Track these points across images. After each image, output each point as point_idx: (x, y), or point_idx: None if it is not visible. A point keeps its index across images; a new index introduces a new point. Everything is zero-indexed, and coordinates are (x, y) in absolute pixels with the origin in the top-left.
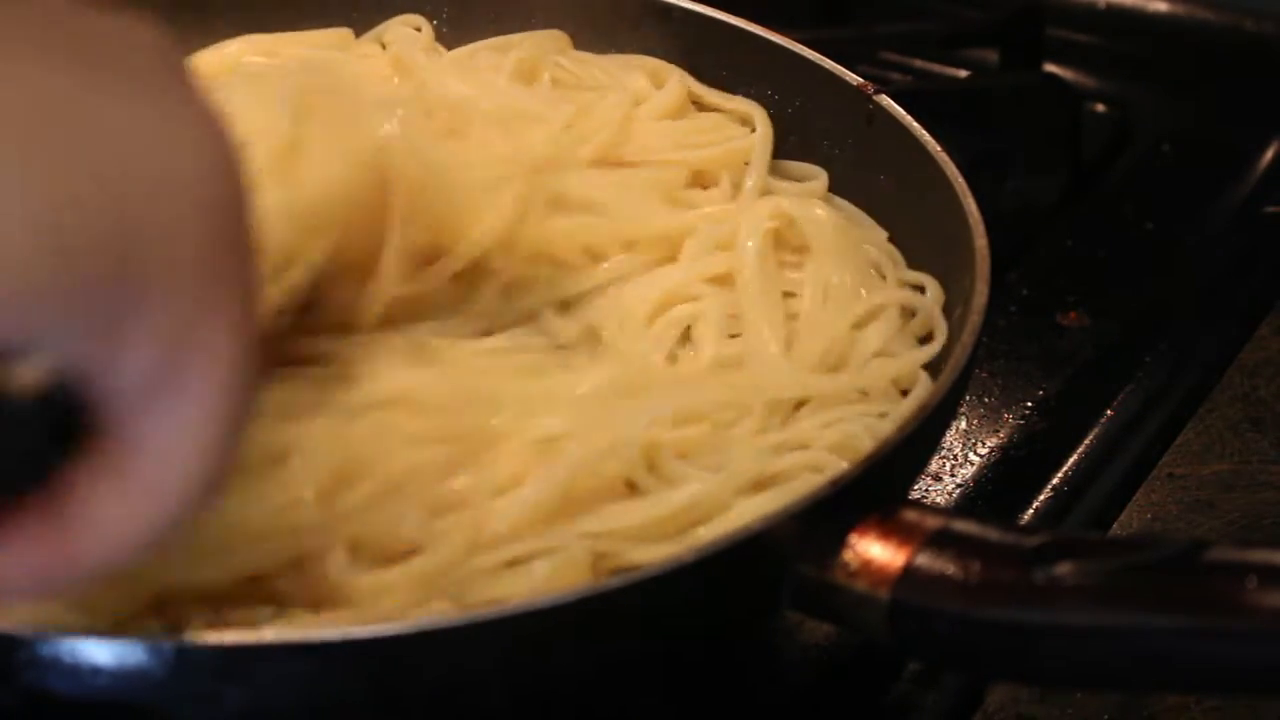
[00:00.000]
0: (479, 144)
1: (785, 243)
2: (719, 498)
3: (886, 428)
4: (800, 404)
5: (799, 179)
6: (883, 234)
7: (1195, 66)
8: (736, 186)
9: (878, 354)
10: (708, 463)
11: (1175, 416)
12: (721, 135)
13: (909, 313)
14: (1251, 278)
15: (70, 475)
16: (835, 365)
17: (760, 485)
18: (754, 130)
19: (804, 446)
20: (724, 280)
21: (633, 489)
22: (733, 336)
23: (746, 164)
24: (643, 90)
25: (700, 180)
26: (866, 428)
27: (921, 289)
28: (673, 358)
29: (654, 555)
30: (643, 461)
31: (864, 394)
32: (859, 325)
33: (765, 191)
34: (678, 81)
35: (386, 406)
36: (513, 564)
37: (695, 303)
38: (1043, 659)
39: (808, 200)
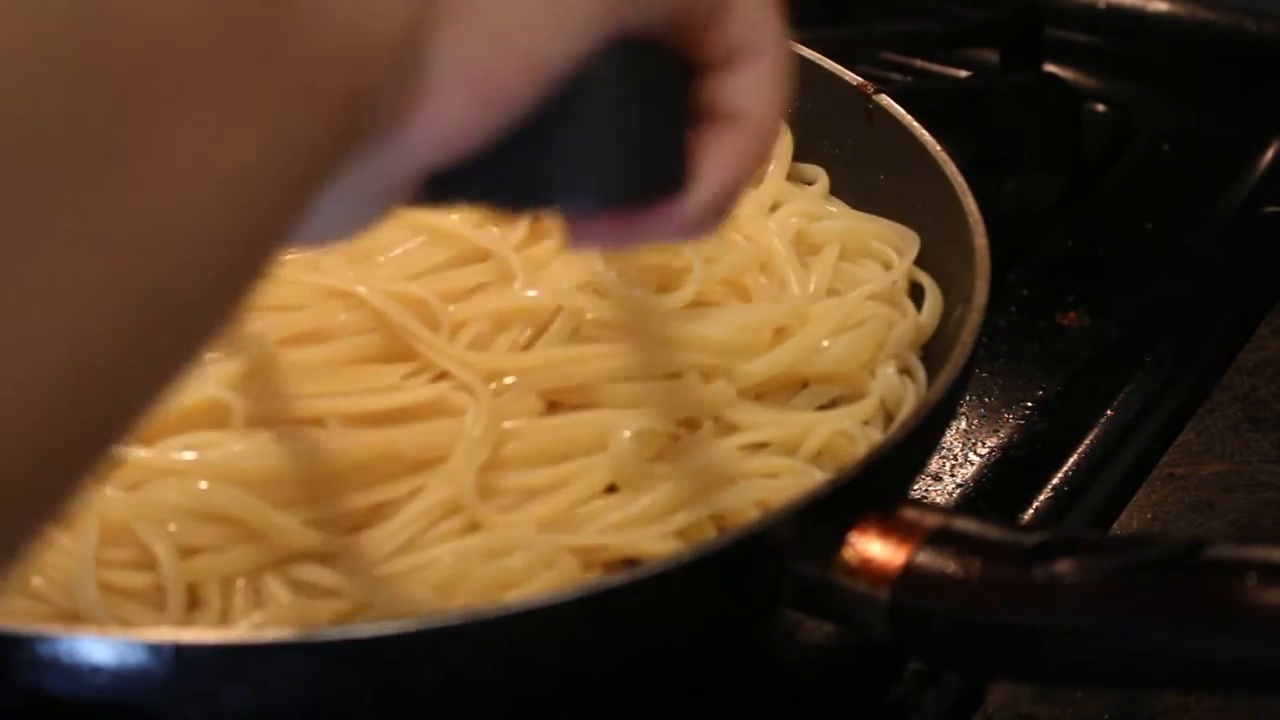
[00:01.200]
0: None
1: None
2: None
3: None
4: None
5: (801, 180)
6: (893, 228)
7: (1195, 66)
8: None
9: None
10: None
11: (1175, 416)
12: None
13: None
14: (1251, 278)
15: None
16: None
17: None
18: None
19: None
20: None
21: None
22: None
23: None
24: None
25: None
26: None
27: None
28: None
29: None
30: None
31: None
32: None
33: (776, 201)
34: None
35: None
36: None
37: None
38: (1043, 658)
39: (819, 204)
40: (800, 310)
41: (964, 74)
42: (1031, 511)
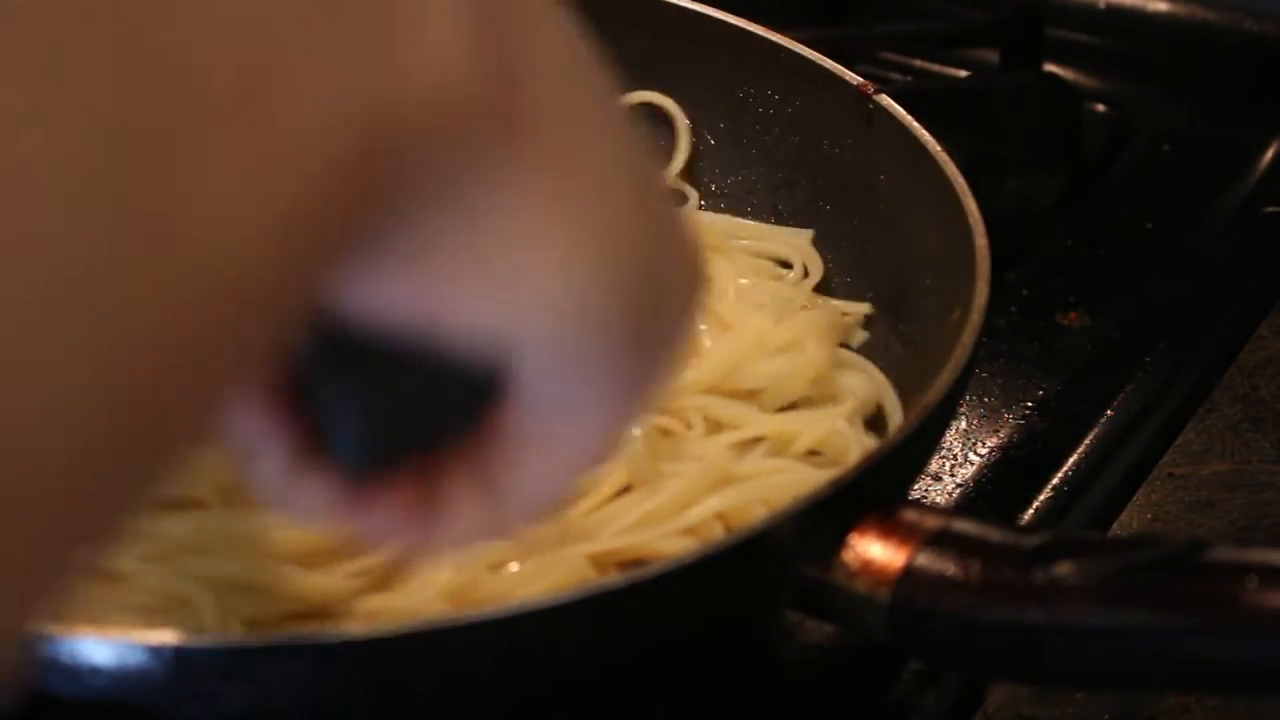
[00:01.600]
0: None
1: None
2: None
3: None
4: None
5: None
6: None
7: (1195, 66)
8: None
9: None
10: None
11: (1175, 416)
12: None
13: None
14: (1251, 278)
15: (492, 434)
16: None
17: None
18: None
19: None
20: None
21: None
22: None
23: None
24: None
25: None
26: None
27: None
28: None
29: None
30: None
31: None
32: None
33: None
34: None
35: None
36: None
37: None
38: (1043, 659)
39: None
40: (733, 312)
41: (964, 74)
42: (1031, 512)
